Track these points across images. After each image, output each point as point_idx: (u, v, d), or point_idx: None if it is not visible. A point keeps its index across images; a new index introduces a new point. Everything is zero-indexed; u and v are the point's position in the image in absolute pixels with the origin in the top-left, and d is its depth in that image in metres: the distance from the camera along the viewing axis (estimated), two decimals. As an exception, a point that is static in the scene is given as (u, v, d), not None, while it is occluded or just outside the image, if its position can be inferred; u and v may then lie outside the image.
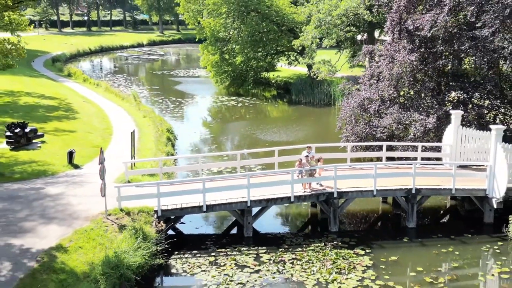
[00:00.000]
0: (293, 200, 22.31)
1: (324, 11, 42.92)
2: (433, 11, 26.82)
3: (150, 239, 18.89)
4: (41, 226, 19.18)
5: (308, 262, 19.52)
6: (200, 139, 39.97)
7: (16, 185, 23.33)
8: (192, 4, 60.08)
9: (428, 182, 23.53)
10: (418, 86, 29.34)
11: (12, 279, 15.79)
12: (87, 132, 34.25)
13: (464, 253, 20.74)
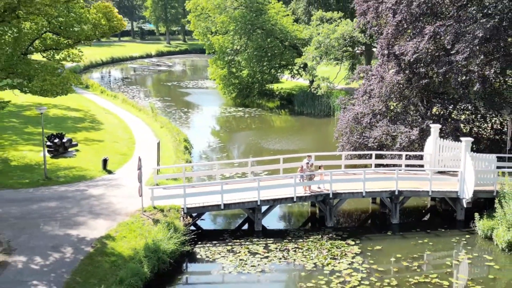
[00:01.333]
0: (295, 200, 26.73)
1: (323, 34, 47.57)
2: (416, 39, 31.23)
3: (179, 231, 23.28)
4: (91, 220, 23.60)
5: (308, 250, 23.88)
6: (211, 147, 44.41)
7: (63, 187, 27.78)
8: (202, 22, 64.69)
9: (409, 185, 27.91)
10: (404, 102, 33.75)
11: (75, 260, 20.17)
12: (113, 142, 38.70)
13: (437, 244, 25.07)
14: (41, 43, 19.70)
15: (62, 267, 19.58)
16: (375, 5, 34.48)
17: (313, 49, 49.11)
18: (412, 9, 31.52)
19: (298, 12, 67.44)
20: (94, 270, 19.65)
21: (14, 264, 19.64)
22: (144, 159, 33.64)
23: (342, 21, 49.58)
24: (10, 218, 23.45)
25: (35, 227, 22.69)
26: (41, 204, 25.20)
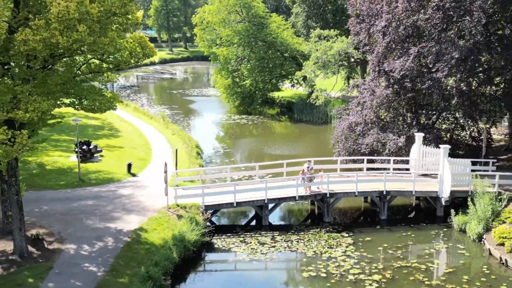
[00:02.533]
0: (297, 199, 31.05)
1: (321, 51, 51.99)
2: (403, 58, 35.57)
3: (200, 225, 27.51)
4: (125, 216, 27.83)
5: (308, 241, 28.13)
6: (218, 152, 48.69)
7: (96, 188, 32.03)
8: (207, 35, 69.04)
9: (395, 186, 32.22)
10: (393, 113, 38.10)
11: (116, 247, 24.37)
12: (132, 148, 42.95)
13: (419, 236, 29.35)
14: (87, 68, 23.84)
15: (106, 253, 23.79)
16: (367, 27, 38.87)
17: (311, 63, 53.58)
18: (399, 31, 35.90)
19: (297, 25, 71.90)
20: (133, 256, 23.86)
21: (67, 250, 23.85)
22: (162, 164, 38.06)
23: (338, 38, 54.10)
24: (56, 214, 27.66)
25: (79, 221, 26.91)
26: (80, 203, 29.44)
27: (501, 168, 35.80)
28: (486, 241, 27.62)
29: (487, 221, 28.62)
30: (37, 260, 22.97)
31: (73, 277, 21.56)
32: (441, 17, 33.47)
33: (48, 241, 24.62)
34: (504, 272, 25.05)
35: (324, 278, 24.17)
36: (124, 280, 21.81)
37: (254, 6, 64.83)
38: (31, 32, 17.55)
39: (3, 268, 22.03)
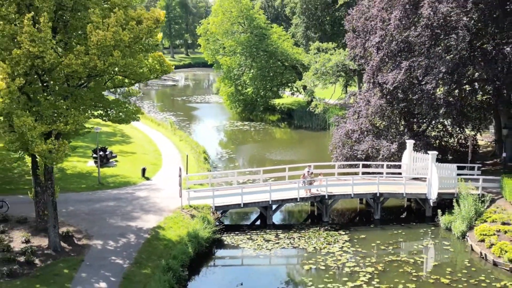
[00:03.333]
0: (299, 200, 34.13)
1: (320, 63, 55.18)
2: (395, 71, 38.66)
3: (211, 223, 30.53)
4: (143, 215, 30.85)
5: (309, 238, 31.17)
6: (223, 158, 51.75)
7: (115, 191, 35.06)
8: (211, 45, 72.23)
9: (388, 189, 35.31)
10: (386, 121, 41.19)
11: (138, 243, 27.37)
12: (143, 154, 46.00)
13: (409, 234, 32.40)
14: (111, 83, 26.90)
15: (130, 248, 26.80)
16: (362, 42, 42.01)
17: (311, 74, 56.78)
18: (392, 46, 39.02)
19: (297, 35, 75.18)
20: (153, 250, 26.88)
21: (95, 246, 26.86)
22: (173, 168, 41.17)
23: (336, 50, 57.31)
24: (81, 214, 30.68)
25: (102, 220, 29.93)
26: (102, 204, 32.48)
27: (486, 172, 38.83)
28: (469, 238, 30.67)
29: (470, 220, 31.66)
30: (69, 254, 25.96)
31: (102, 269, 24.56)
32: (429, 34, 36.60)
33: (77, 237, 27.63)
34: (483, 265, 28.08)
35: (323, 270, 27.20)
36: (147, 271, 24.82)
37: (256, 18, 68.06)
38: (74, 57, 20.62)
39: (40, 260, 25.01)
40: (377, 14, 40.19)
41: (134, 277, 24.11)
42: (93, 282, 23.34)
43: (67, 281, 23.27)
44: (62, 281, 23.24)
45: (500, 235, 29.45)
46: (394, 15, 38.21)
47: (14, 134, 20.58)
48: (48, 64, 20.32)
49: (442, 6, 35.54)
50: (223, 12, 67.95)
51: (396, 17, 38.05)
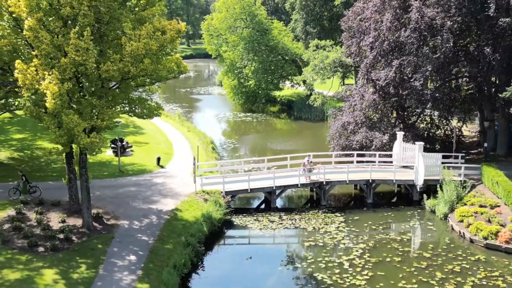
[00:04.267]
0: (299, 186, 38.09)
1: (318, 59, 58.97)
2: (386, 69, 42.46)
3: (222, 206, 34.48)
4: (162, 199, 34.79)
5: (309, 219, 35.16)
6: (229, 147, 55.65)
7: (134, 178, 38.98)
8: (215, 40, 75.83)
9: (379, 176, 39.28)
10: (379, 114, 45.06)
11: (160, 223, 31.31)
12: (156, 144, 49.87)
13: (397, 216, 36.41)
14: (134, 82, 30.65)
15: (153, 227, 30.75)
16: (357, 41, 45.77)
17: (310, 70, 60.60)
18: (384, 46, 42.76)
19: (296, 30, 78.81)
20: (173, 229, 30.84)
21: (122, 225, 30.81)
22: (184, 157, 45.09)
23: (333, 48, 61.06)
24: (107, 198, 34.59)
25: (126, 204, 33.86)
26: (125, 189, 36.42)
27: (470, 161, 42.73)
28: (450, 219, 34.70)
29: (452, 203, 35.65)
30: (100, 232, 29.91)
31: (130, 244, 28.52)
32: (417, 36, 40.34)
33: (106, 218, 31.57)
34: (461, 242, 32.12)
35: (321, 246, 31.21)
36: (169, 247, 28.79)
37: (257, 14, 71.64)
38: (111, 64, 24.42)
39: (77, 237, 28.94)
40: (370, 16, 43.90)
41: (159, 251, 28.08)
42: (124, 255, 27.30)
43: (102, 254, 27.22)
44: (98, 254, 27.18)
45: (477, 216, 33.46)
46: (386, 17, 41.93)
47: (62, 130, 24.39)
48: (90, 70, 24.14)
49: (429, 11, 39.32)
50: (227, 8, 71.54)
51: (388, 20, 41.77)
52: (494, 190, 35.89)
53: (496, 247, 30.70)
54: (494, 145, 44.79)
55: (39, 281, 24.41)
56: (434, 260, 29.51)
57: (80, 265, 26.04)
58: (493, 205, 34.22)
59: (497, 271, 28.12)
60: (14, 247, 27.32)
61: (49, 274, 25.05)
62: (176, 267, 26.67)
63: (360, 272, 27.86)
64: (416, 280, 27.04)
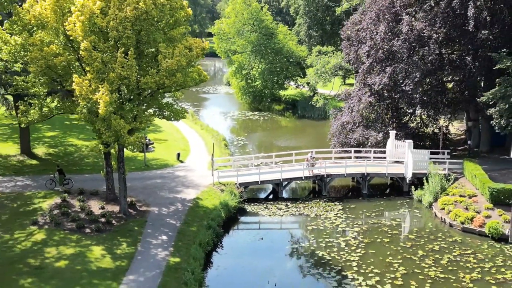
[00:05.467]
0: (303, 179, 43.54)
1: (320, 64, 64.38)
2: (381, 75, 47.70)
3: (236, 196, 39.90)
4: (185, 189, 40.23)
5: (311, 207, 40.59)
6: (239, 144, 61.06)
7: (158, 171, 44.44)
8: (224, 43, 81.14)
9: (374, 170, 44.66)
10: (374, 115, 50.38)
11: (184, 210, 36.75)
12: (174, 141, 55.31)
13: (388, 204, 41.79)
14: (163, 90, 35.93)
15: (179, 213, 36.18)
16: (355, 49, 51.04)
17: (313, 73, 66.01)
18: (378, 54, 48.00)
19: (300, 34, 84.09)
20: (196, 214, 36.28)
21: (153, 211, 36.25)
22: (200, 153, 50.53)
23: (334, 53, 66.43)
24: (138, 189, 40.02)
25: (154, 193, 39.32)
26: (152, 181, 41.88)
27: (457, 157, 47.93)
28: (434, 207, 40.05)
29: (436, 194, 40.97)
30: (135, 217, 35.37)
31: (161, 227, 33.96)
32: (407, 46, 45.55)
33: (138, 205, 37.03)
34: (442, 227, 37.48)
35: (322, 230, 36.63)
36: (194, 229, 34.23)
37: (264, 19, 76.91)
38: (150, 77, 29.82)
39: (116, 221, 34.37)
40: (367, 27, 49.13)
41: (185, 232, 33.52)
42: (157, 236, 32.76)
43: (139, 235, 32.68)
44: (135, 235, 32.64)
45: (456, 204, 38.80)
46: (381, 29, 47.15)
47: (110, 131, 29.77)
48: (132, 82, 29.55)
49: (417, 24, 44.58)
50: (235, 14, 76.80)
51: (382, 31, 46.99)
52: (473, 182, 41.20)
53: (471, 230, 36.07)
54: (478, 143, 50.15)
55: (90, 255, 29.85)
56: (417, 241, 34.90)
57: (121, 243, 31.47)
58: (471, 195, 39.53)
59: (470, 250, 33.48)
60: (65, 229, 32.78)
61: (97, 250, 30.48)
62: (201, 244, 32.09)
63: (355, 250, 33.25)
64: (401, 257, 32.43)
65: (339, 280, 29.60)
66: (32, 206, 35.82)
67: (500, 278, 29.83)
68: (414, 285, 28.94)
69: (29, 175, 42.11)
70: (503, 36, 42.61)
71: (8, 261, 28.60)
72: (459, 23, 43.57)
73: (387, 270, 30.64)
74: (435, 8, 44.33)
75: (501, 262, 31.78)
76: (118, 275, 27.92)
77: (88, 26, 28.96)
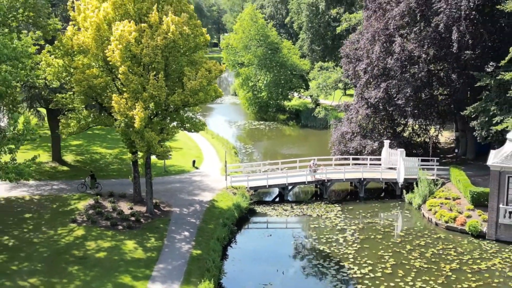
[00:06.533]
0: (306, 183, 48.80)
1: (322, 79, 69.82)
2: (376, 90, 52.96)
3: (247, 198, 45.08)
4: (201, 192, 45.44)
5: (313, 208, 45.75)
6: (246, 152, 66.29)
7: (177, 177, 49.69)
8: (232, 57, 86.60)
9: (370, 175, 49.86)
10: (370, 126, 55.61)
11: (202, 210, 41.93)
12: (188, 149, 60.58)
13: (382, 206, 46.91)
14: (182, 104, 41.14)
15: (198, 213, 41.37)
16: (353, 66, 56.37)
17: (315, 87, 71.46)
18: (374, 71, 53.30)
19: (303, 48, 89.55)
20: (212, 214, 41.46)
21: (175, 211, 41.43)
22: (213, 160, 55.79)
23: (335, 69, 71.87)
24: (160, 192, 45.22)
25: (175, 196, 44.53)
26: (172, 185, 47.13)
27: (445, 164, 53.05)
28: (422, 208, 45.14)
29: (425, 197, 46.08)
30: (160, 216, 40.55)
31: (183, 224, 39.13)
32: (399, 65, 50.84)
33: (162, 206, 42.23)
34: (429, 225, 42.59)
35: (323, 228, 41.78)
36: (211, 226, 39.41)
37: (269, 35, 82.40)
38: (176, 96, 35.11)
39: (144, 219, 39.51)
40: (364, 47, 54.47)
41: (204, 229, 38.69)
42: (180, 232, 37.94)
43: (164, 231, 37.84)
44: (161, 231, 37.81)
45: (442, 206, 43.91)
46: (376, 48, 52.46)
47: (143, 142, 35.04)
48: (162, 100, 34.86)
49: (408, 45, 49.89)
50: (243, 30, 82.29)
51: (377, 50, 52.29)
52: (457, 186, 46.34)
53: (454, 228, 41.14)
54: (466, 151, 55.33)
55: (124, 248, 35.00)
56: (406, 237, 40.01)
57: (150, 238, 36.64)
58: (455, 197, 44.66)
59: (451, 245, 38.57)
60: (101, 226, 37.98)
61: (130, 243, 35.64)
62: (219, 239, 37.23)
63: (351, 245, 38.35)
64: (391, 251, 37.53)
65: (337, 269, 34.70)
66: (69, 207, 41.07)
67: (475, 268, 34.88)
68: (401, 273, 34.00)
69: (62, 180, 47.42)
70: (484, 57, 47.88)
71: (56, 252, 33.78)
72: (445, 45, 48.82)
73: (379, 261, 35.72)
74: (423, 31, 49.66)
75: (477, 255, 36.83)
76: (149, 264, 33.04)
77: (125, 53, 34.25)
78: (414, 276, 33.60)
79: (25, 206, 40.97)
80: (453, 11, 45.45)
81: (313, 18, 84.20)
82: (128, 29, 34.04)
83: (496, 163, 38.33)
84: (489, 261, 35.73)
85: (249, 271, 35.32)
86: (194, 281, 30.96)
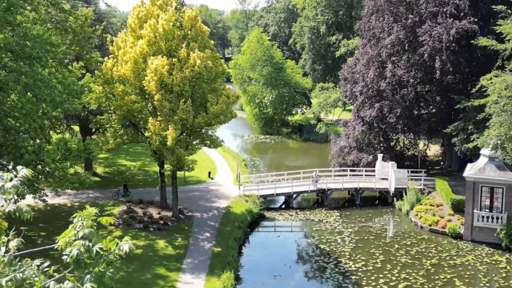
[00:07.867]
0: (309, 192, 55.67)
1: (323, 98, 76.95)
2: (370, 109, 59.94)
3: (257, 205, 51.90)
4: (218, 200, 52.30)
5: (316, 213, 52.57)
6: (253, 164, 73.17)
7: (196, 186, 56.60)
8: (239, 75, 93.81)
9: (365, 185, 56.71)
10: (366, 140, 62.57)
11: (220, 215, 48.75)
12: (202, 161, 67.40)
13: (376, 212, 53.70)
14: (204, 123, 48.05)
15: (216, 217, 48.17)
16: (351, 88, 63.43)
17: (317, 105, 78.57)
18: (369, 93, 60.32)
19: (306, 67, 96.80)
20: (229, 218, 48.27)
21: (197, 216, 48.27)
22: (225, 171, 62.73)
23: (334, 89, 79.01)
24: (182, 199, 51.97)
25: (196, 203, 51.38)
26: (192, 193, 54.01)
27: (433, 175, 59.81)
28: (410, 214, 51.93)
29: (413, 204, 52.84)
30: (184, 220, 47.38)
31: (204, 227, 45.98)
32: (391, 88, 57.88)
33: (185, 211, 49.09)
34: (415, 229, 49.35)
35: (324, 230, 48.60)
36: (228, 228, 46.21)
37: (275, 56, 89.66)
38: (201, 119, 42.07)
39: (170, 222, 46.34)
40: (360, 70, 61.54)
41: (223, 231, 45.50)
42: (202, 233, 44.80)
43: (189, 232, 44.69)
44: (186, 232, 44.66)
45: (427, 211, 50.68)
46: (370, 73, 59.51)
47: (174, 157, 41.97)
48: (189, 122, 41.85)
49: (398, 70, 56.97)
50: (250, 52, 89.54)
51: (371, 74, 59.36)
52: (441, 194, 53.16)
53: (436, 230, 47.88)
54: (451, 163, 62.20)
55: (156, 246, 41.84)
56: (395, 238, 46.81)
57: (177, 238, 43.47)
58: (438, 204, 51.48)
59: (433, 244, 45.33)
60: (135, 228, 44.81)
61: (161, 242, 42.48)
62: (235, 239, 44.04)
63: (348, 245, 45.12)
64: (381, 249, 44.30)
65: (335, 264, 41.45)
66: (106, 212, 47.91)
67: (452, 263, 41.63)
68: (389, 267, 40.75)
69: (96, 189, 54.34)
70: (463, 82, 54.93)
71: (101, 249, 40.59)
72: (430, 71, 55.88)
73: (371, 258, 42.48)
74: (411, 59, 56.80)
75: (454, 252, 43.59)
76: (179, 259, 39.84)
77: (159, 83, 41.30)
78: (400, 269, 40.32)
79: (68, 212, 47.85)
80: (436, 43, 52.52)
81: (314, 40, 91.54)
82: (161, 63, 41.09)
83: (471, 174, 45.17)
84: (463, 258, 42.47)
85: (261, 265, 42.08)
86: (217, 272, 37.71)
